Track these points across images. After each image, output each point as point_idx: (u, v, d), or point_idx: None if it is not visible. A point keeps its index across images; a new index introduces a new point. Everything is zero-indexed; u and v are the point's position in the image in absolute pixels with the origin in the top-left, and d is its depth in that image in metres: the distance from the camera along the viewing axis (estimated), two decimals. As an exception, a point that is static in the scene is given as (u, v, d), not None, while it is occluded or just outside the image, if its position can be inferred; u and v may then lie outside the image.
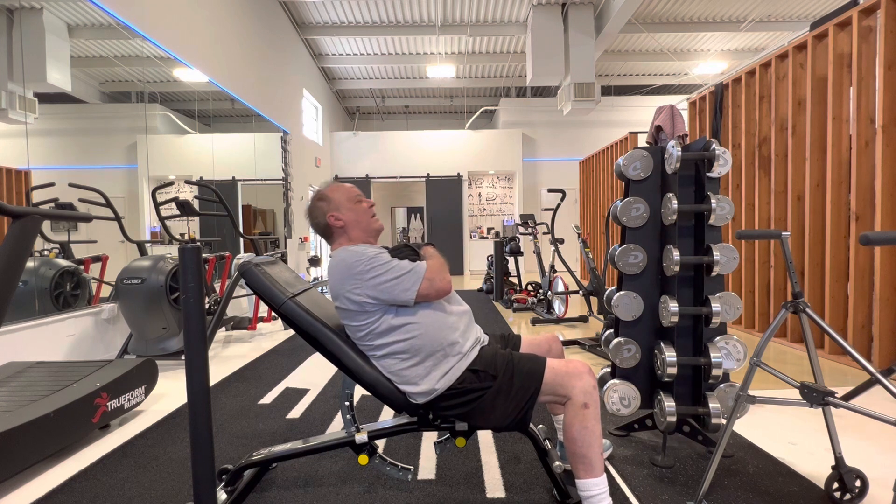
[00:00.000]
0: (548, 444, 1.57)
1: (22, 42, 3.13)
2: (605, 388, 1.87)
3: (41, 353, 2.92)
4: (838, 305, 3.39)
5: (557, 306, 5.18)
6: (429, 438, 2.09)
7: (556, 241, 5.11)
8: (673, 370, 1.77)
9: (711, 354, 1.75)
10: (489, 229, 11.05)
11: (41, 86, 3.29)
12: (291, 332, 4.54)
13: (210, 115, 5.52)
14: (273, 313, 4.73)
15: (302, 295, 1.58)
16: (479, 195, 11.18)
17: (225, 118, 6.01)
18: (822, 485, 1.63)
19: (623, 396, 1.86)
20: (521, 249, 6.45)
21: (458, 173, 10.63)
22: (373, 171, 10.69)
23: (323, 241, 8.87)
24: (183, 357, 2.73)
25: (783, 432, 2.11)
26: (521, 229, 6.18)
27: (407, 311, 1.43)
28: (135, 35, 3.95)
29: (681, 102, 6.88)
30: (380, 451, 1.65)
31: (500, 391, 1.39)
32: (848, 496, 1.53)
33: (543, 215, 9.19)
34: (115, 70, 4.09)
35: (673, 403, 1.79)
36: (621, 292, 1.91)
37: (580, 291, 4.35)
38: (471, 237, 10.88)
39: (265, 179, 7.06)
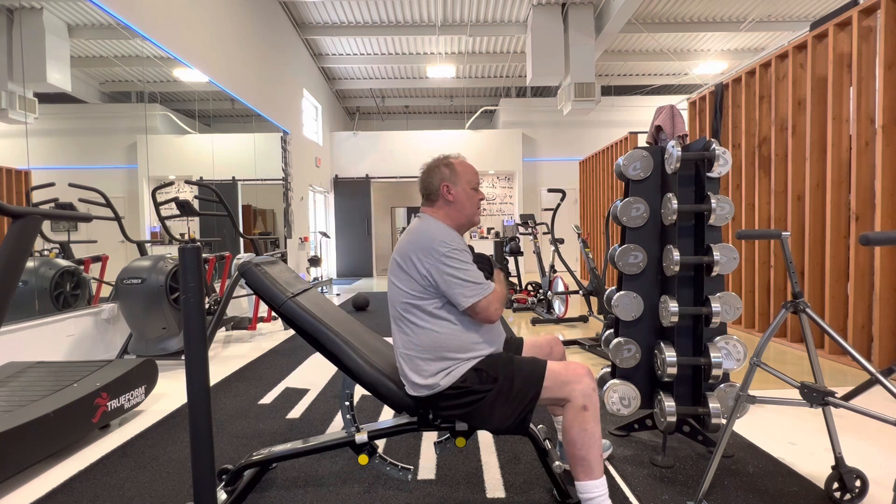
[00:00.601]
0: (548, 444, 1.57)
1: (22, 42, 3.13)
2: (605, 388, 1.87)
3: (41, 353, 2.92)
4: (838, 305, 3.39)
5: (557, 306, 5.18)
6: (429, 438, 2.09)
7: (556, 241, 5.11)
8: (673, 370, 1.77)
9: (711, 354, 1.75)
10: (489, 229, 11.05)
11: (41, 86, 3.29)
12: (291, 332, 4.54)
13: (210, 115, 5.52)
14: (273, 313, 4.74)
15: (302, 295, 1.58)
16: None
17: (225, 118, 6.01)
18: (822, 485, 1.63)
19: (623, 396, 1.86)
20: (521, 249, 6.45)
21: (458, 173, 10.61)
22: (373, 171, 10.69)
23: (323, 240, 8.80)
24: (183, 357, 2.73)
25: (783, 432, 2.11)
26: (521, 229, 6.18)
27: (453, 310, 1.45)
28: (135, 35, 3.95)
29: (681, 102, 6.88)
30: (380, 451, 1.65)
31: (501, 394, 1.39)
32: (848, 496, 1.53)
33: (543, 215, 9.19)
34: (115, 70, 4.09)
35: (673, 403, 1.79)
36: (621, 292, 1.91)
37: (580, 291, 4.35)
38: (471, 237, 10.87)
39: (265, 179, 7.06)
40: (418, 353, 1.44)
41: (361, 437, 1.53)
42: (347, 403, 1.58)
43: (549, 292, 5.17)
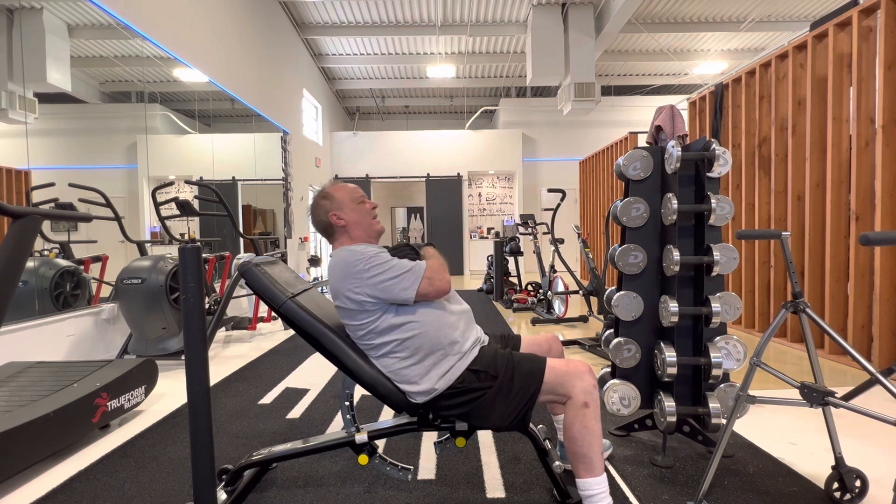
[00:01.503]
0: (548, 443, 1.57)
1: (22, 42, 3.13)
2: (605, 388, 1.87)
3: (41, 353, 2.92)
4: (838, 305, 3.39)
5: (557, 306, 5.18)
6: (429, 438, 2.09)
7: (556, 241, 5.11)
8: (673, 370, 1.77)
9: (711, 354, 1.75)
10: (489, 229, 11.05)
11: (41, 86, 3.29)
12: (291, 332, 4.54)
13: (210, 115, 5.52)
14: (273, 313, 4.74)
15: (302, 295, 1.58)
16: (479, 195, 11.18)
17: (225, 118, 6.01)
18: (822, 485, 1.63)
19: (623, 396, 1.86)
20: (521, 249, 6.45)
21: (458, 173, 10.63)
22: (373, 171, 10.69)
23: (324, 241, 8.85)
24: (183, 357, 2.73)
25: (783, 432, 2.11)
26: (521, 229, 6.18)
27: (407, 310, 1.44)
28: (135, 35, 3.95)
29: (681, 102, 6.88)
30: (380, 451, 1.65)
31: (501, 391, 1.39)
32: (848, 496, 1.53)
33: (543, 215, 9.18)
34: (115, 70, 4.09)
35: (673, 403, 1.79)
36: (621, 292, 1.91)
37: (580, 291, 4.35)
38: (471, 237, 10.87)
39: (265, 179, 7.06)
40: (400, 364, 1.44)
41: (361, 437, 1.53)
42: (347, 403, 1.58)
43: (549, 292, 5.17)
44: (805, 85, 3.72)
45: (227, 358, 3.68)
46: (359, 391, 2.59)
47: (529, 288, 6.07)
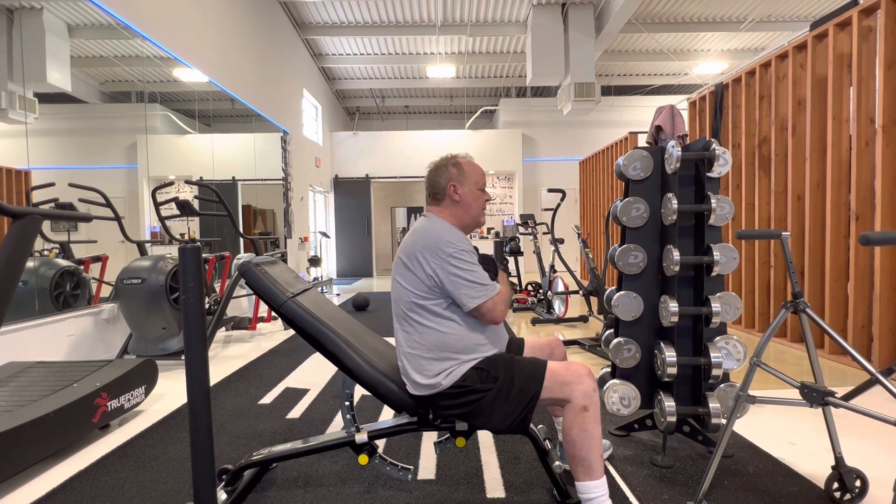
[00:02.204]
0: (548, 444, 1.57)
1: (22, 42, 3.13)
2: (605, 388, 1.87)
3: (41, 353, 2.92)
4: (838, 305, 3.39)
5: (557, 306, 5.18)
6: (429, 438, 2.09)
7: (556, 241, 5.11)
8: (673, 370, 1.77)
9: (711, 354, 1.75)
10: (489, 229, 11.05)
11: (41, 86, 3.29)
12: (291, 332, 4.54)
13: (210, 115, 5.52)
14: (273, 313, 4.74)
15: (302, 295, 1.58)
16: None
17: (225, 118, 6.01)
18: (822, 485, 1.63)
19: (623, 396, 1.86)
20: (521, 249, 6.45)
21: (458, 173, 10.61)
22: (373, 171, 10.69)
23: (323, 240, 8.79)
24: (183, 357, 2.73)
25: (783, 432, 2.11)
26: (521, 229, 6.18)
27: (457, 311, 1.45)
28: (135, 35, 3.95)
29: (681, 102, 6.88)
30: (380, 451, 1.65)
31: (501, 394, 1.39)
32: (848, 496, 1.53)
33: (543, 215, 9.19)
34: (115, 70, 4.09)
35: (673, 403, 1.79)
36: (621, 292, 1.91)
37: (580, 291, 4.35)
38: (471, 237, 10.87)
39: (265, 179, 7.06)
40: (422, 352, 1.44)
41: (361, 437, 1.53)
42: (347, 403, 1.58)
43: (549, 292, 5.17)
44: (805, 85, 3.72)
45: (227, 358, 3.68)
46: (359, 391, 2.59)
47: (529, 288, 6.08)
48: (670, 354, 1.78)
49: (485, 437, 2.10)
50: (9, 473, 1.73)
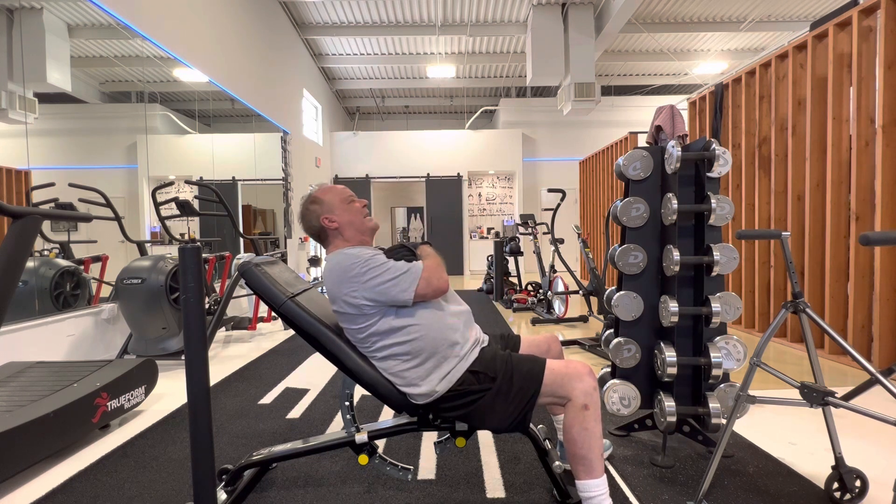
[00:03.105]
0: (548, 444, 1.57)
1: (22, 42, 3.13)
2: (605, 388, 1.87)
3: (41, 353, 2.92)
4: (838, 305, 3.39)
5: (557, 306, 5.18)
6: (429, 438, 2.09)
7: (556, 241, 5.11)
8: (673, 370, 1.77)
9: (711, 354, 1.75)
10: (489, 229, 11.05)
11: (41, 86, 3.29)
12: (291, 332, 4.54)
13: (210, 115, 5.52)
14: (273, 313, 4.74)
15: (302, 295, 1.58)
16: (479, 195, 11.18)
17: (225, 118, 6.01)
18: (822, 485, 1.63)
19: (623, 396, 1.86)
20: (521, 249, 6.45)
21: (458, 173, 10.63)
22: (373, 171, 10.69)
23: (323, 241, 8.77)
24: (183, 357, 2.73)
25: (783, 432, 2.11)
26: (521, 229, 6.18)
27: (406, 312, 1.43)
28: (135, 35, 3.95)
29: (681, 102, 6.88)
30: (380, 451, 1.65)
31: (500, 393, 1.39)
32: (848, 496, 1.53)
33: (543, 215, 9.18)
34: (115, 70, 4.09)
35: (673, 403, 1.79)
36: (621, 292, 1.91)
37: (580, 291, 4.35)
38: (471, 237, 10.87)
39: (265, 179, 7.06)
40: (402, 366, 1.43)
41: (361, 437, 1.53)
42: (347, 403, 1.58)
43: (549, 292, 5.17)
44: (805, 85, 3.72)
45: (227, 358, 3.68)
46: (359, 391, 2.59)
47: (529, 288, 6.07)
48: (670, 354, 1.78)
49: (485, 437, 2.10)
50: (9, 473, 1.73)
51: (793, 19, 7.96)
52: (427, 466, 1.85)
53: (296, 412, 2.49)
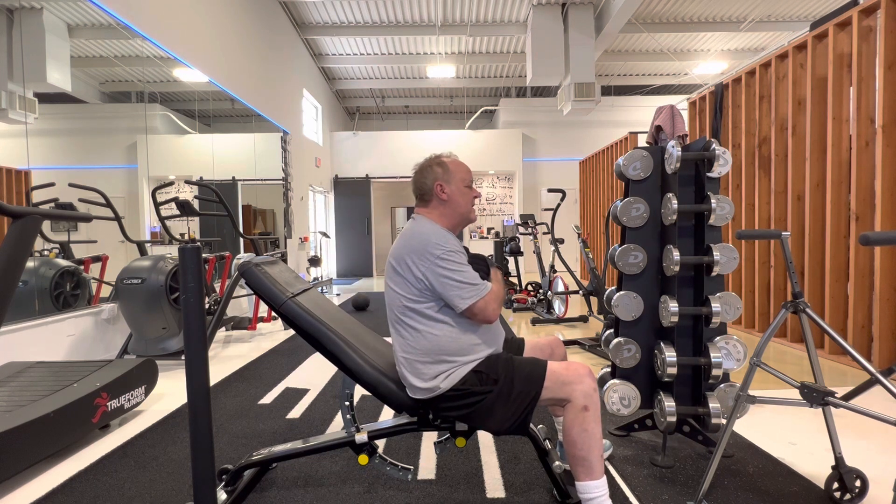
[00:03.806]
0: (548, 444, 1.57)
1: (22, 42, 3.13)
2: (605, 388, 1.87)
3: (41, 353, 2.92)
4: (838, 305, 3.39)
5: (557, 306, 5.18)
6: (429, 438, 2.09)
7: (556, 241, 5.11)
8: (673, 370, 1.77)
9: (711, 354, 1.75)
10: (489, 229, 11.05)
11: (41, 86, 3.29)
12: (291, 332, 4.54)
13: (210, 115, 5.52)
14: (273, 313, 4.74)
15: (302, 295, 1.58)
16: (479, 195, 11.17)
17: (225, 118, 6.01)
18: (822, 485, 1.63)
19: (623, 396, 1.86)
20: (521, 249, 6.45)
21: (458, 173, 10.62)
22: (373, 171, 10.69)
23: (323, 240, 8.78)
24: (183, 357, 2.73)
25: (783, 432, 2.11)
26: (521, 229, 6.18)
27: (450, 313, 1.44)
28: (135, 35, 3.95)
29: (681, 102, 6.88)
30: (380, 451, 1.65)
31: (501, 395, 1.39)
32: (848, 496, 1.53)
33: (543, 215, 9.18)
34: (115, 70, 4.09)
35: (673, 403, 1.79)
36: (621, 292, 1.91)
37: (580, 291, 4.35)
38: (471, 237, 10.87)
39: (265, 179, 7.06)
40: (417, 356, 1.43)
41: (361, 437, 1.53)
42: (347, 403, 1.58)
43: (549, 292, 5.17)
44: (805, 85, 3.72)
45: (227, 358, 3.68)
46: (359, 391, 2.59)
47: (529, 288, 6.07)
48: (670, 354, 1.78)
49: (485, 437, 2.10)
50: (9, 473, 1.73)
51: (793, 19, 7.96)
52: (427, 466, 1.85)
53: (296, 412, 2.49)
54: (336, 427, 2.28)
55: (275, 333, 4.57)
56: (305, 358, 3.59)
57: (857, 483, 1.53)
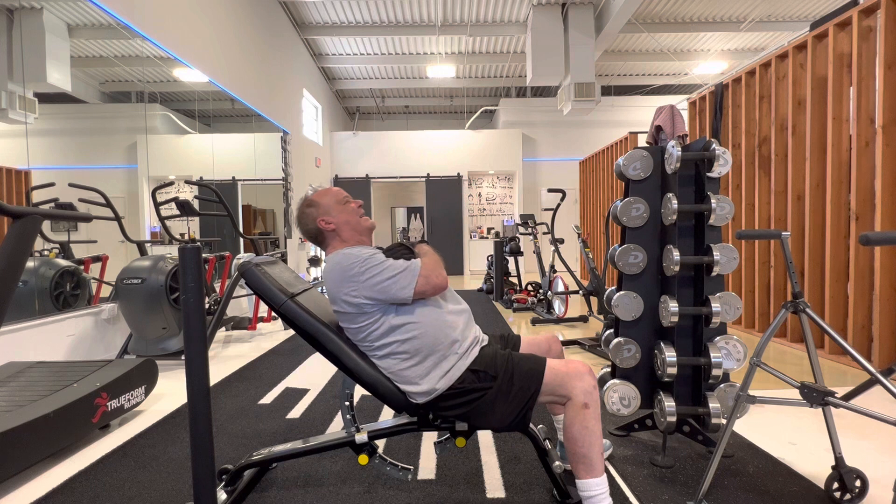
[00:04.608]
0: (548, 443, 1.57)
1: (22, 42, 3.13)
2: (605, 388, 1.87)
3: (41, 353, 2.92)
4: (838, 305, 3.39)
5: (557, 306, 5.18)
6: (429, 438, 2.09)
7: (556, 241, 5.11)
8: (673, 370, 1.77)
9: (711, 354, 1.75)
10: (489, 229, 11.05)
11: (41, 86, 3.29)
12: (291, 332, 4.53)
13: (210, 115, 5.52)
14: (273, 313, 4.74)
15: (302, 295, 1.58)
16: (479, 195, 11.18)
17: (225, 118, 6.01)
18: (822, 485, 1.63)
19: (623, 396, 1.86)
20: (521, 249, 6.45)
21: (458, 173, 10.63)
22: (373, 171, 10.69)
23: (323, 241, 8.75)
24: (183, 357, 2.72)
25: (783, 432, 2.11)
26: (521, 229, 6.17)
27: (406, 311, 1.43)
28: (135, 35, 3.95)
29: (681, 102, 6.87)
30: (380, 451, 1.65)
31: (500, 392, 1.39)
32: (848, 496, 1.53)
33: (543, 215, 9.18)
34: (115, 70, 4.09)
35: (673, 403, 1.79)
36: (621, 292, 1.91)
37: (580, 291, 4.35)
38: (471, 237, 10.87)
39: (265, 179, 7.06)
40: (401, 366, 1.43)
41: (361, 437, 1.53)
42: (347, 403, 1.58)
43: (549, 292, 5.17)
44: (805, 85, 3.72)
45: (227, 358, 3.68)
46: (359, 391, 2.59)
47: (529, 288, 6.07)
48: (670, 354, 1.78)
49: (485, 437, 2.10)
50: (9, 473, 1.73)
51: (793, 19, 7.96)
52: (427, 466, 1.85)
53: (296, 412, 2.49)
54: (336, 427, 2.28)
55: (275, 333, 4.57)
56: (305, 358, 3.59)
57: (857, 483, 1.53)
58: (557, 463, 1.52)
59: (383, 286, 1.40)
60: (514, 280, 6.58)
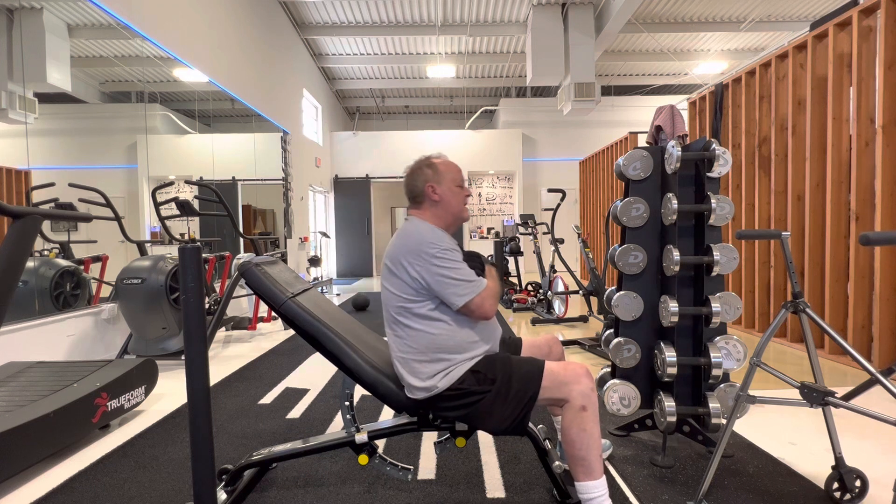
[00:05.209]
0: (548, 444, 1.57)
1: (22, 42, 3.13)
2: (605, 388, 1.87)
3: (41, 353, 2.92)
4: (838, 305, 3.39)
5: (557, 306, 5.18)
6: (429, 438, 2.09)
7: (556, 241, 5.11)
8: (673, 370, 1.77)
9: (711, 354, 1.75)
10: (489, 229, 11.05)
11: (41, 86, 3.29)
12: (291, 332, 4.54)
13: (210, 115, 5.52)
14: (273, 313, 4.74)
15: (302, 295, 1.58)
16: (479, 195, 11.18)
17: (225, 118, 6.01)
18: (822, 485, 1.63)
19: (623, 396, 1.86)
20: (521, 249, 6.45)
21: (458, 173, 10.62)
22: (373, 171, 10.69)
23: (323, 240, 8.80)
24: (183, 357, 2.72)
25: (783, 432, 2.11)
26: (521, 229, 6.17)
27: (446, 311, 1.44)
28: (135, 35, 3.95)
29: (681, 102, 6.87)
30: (380, 451, 1.65)
31: (499, 395, 1.39)
32: (848, 496, 1.53)
33: (543, 215, 9.19)
34: (115, 70, 4.09)
35: (673, 403, 1.79)
36: (621, 292, 1.91)
37: (580, 291, 4.35)
38: (471, 237, 10.87)
39: (265, 179, 7.05)
40: (414, 355, 1.43)
41: (361, 437, 1.53)
42: (347, 403, 1.58)
43: (549, 292, 5.17)
44: (805, 85, 3.72)
45: (227, 358, 3.68)
46: (359, 391, 2.60)
47: (529, 288, 6.07)
48: (670, 354, 1.78)
49: (485, 437, 2.10)
50: (9, 473, 1.73)
51: (793, 19, 7.96)
52: (427, 466, 1.85)
53: (296, 412, 2.49)
54: (336, 427, 2.28)
55: (275, 333, 4.57)
56: (305, 358, 3.59)
57: (857, 483, 1.53)
58: (557, 463, 1.52)
59: (445, 281, 1.40)
60: (514, 280, 6.58)
